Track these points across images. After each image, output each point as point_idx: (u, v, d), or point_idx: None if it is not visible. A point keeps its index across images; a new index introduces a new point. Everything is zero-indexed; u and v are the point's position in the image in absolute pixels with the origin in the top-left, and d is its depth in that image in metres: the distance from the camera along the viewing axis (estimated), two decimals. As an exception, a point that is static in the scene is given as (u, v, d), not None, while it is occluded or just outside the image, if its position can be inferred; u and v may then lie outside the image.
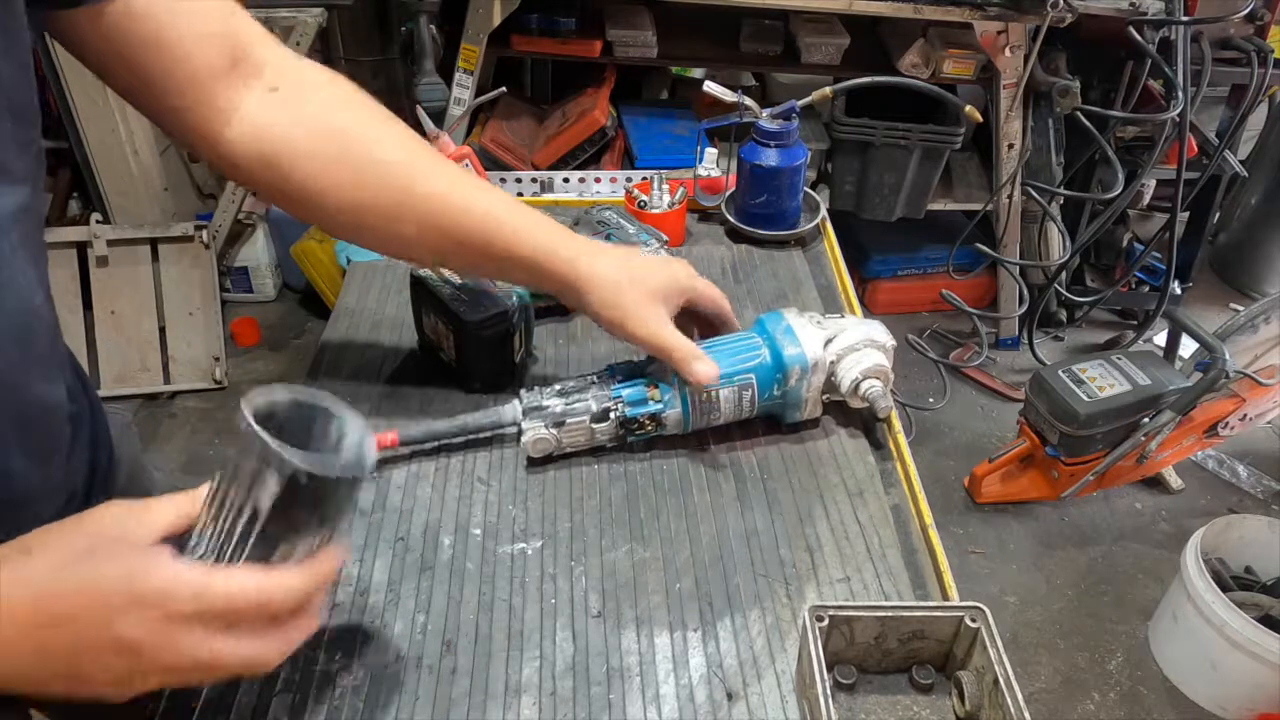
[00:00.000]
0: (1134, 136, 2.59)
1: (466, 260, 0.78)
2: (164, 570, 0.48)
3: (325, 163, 0.70)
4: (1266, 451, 2.55)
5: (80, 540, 0.49)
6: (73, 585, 0.47)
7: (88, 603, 0.47)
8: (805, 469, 0.87)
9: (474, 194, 0.75)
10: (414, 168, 0.72)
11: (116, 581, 0.47)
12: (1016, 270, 2.71)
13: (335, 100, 0.72)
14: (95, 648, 0.47)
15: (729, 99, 1.19)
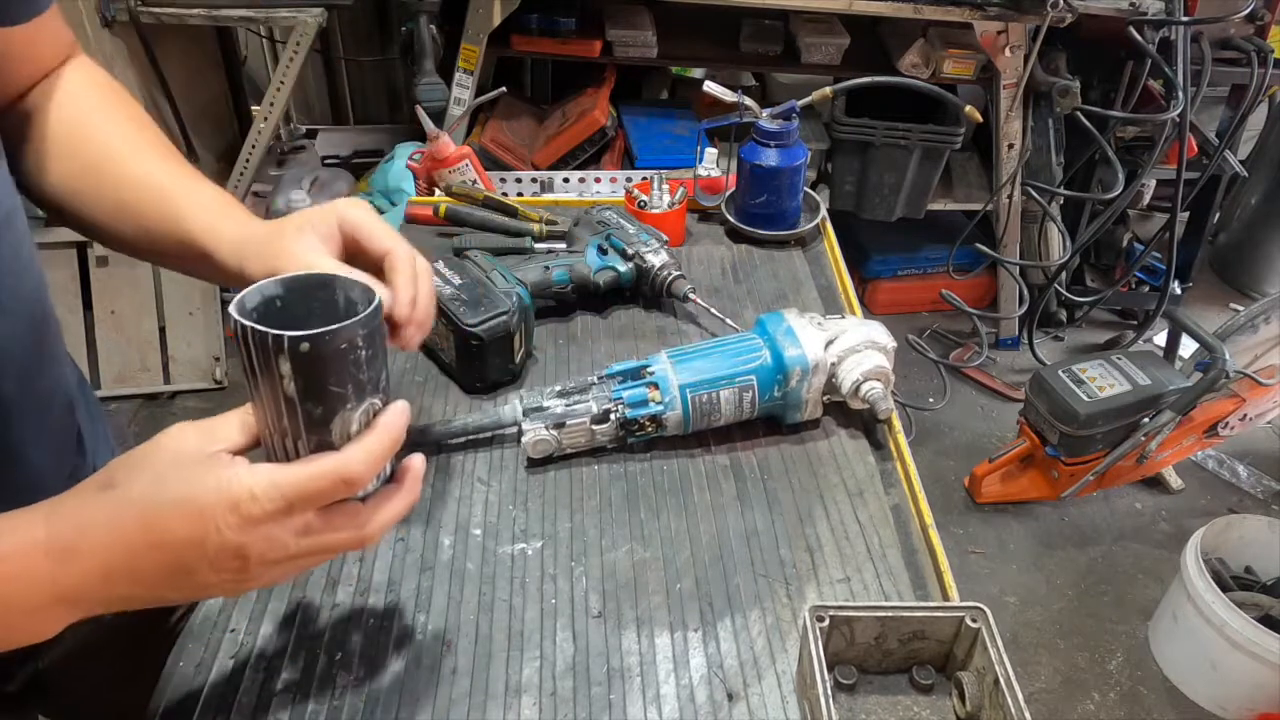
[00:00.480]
0: (1134, 136, 2.59)
1: (151, 249, 0.71)
2: (247, 473, 0.50)
3: (58, 148, 0.69)
4: (1266, 451, 2.55)
5: (162, 462, 0.50)
6: (171, 504, 0.49)
7: (190, 516, 0.49)
8: (805, 469, 0.87)
9: (159, 178, 0.70)
10: (119, 152, 0.70)
11: (211, 493, 0.49)
12: (1016, 270, 2.71)
13: (78, 91, 0.71)
14: (206, 558, 0.49)
15: (729, 99, 1.19)
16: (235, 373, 2.60)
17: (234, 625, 0.71)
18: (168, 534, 0.48)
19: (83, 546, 0.48)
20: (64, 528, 0.48)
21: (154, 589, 0.51)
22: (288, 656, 0.69)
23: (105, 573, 0.49)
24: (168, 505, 0.49)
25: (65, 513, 0.49)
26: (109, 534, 0.48)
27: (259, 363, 0.52)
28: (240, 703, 0.65)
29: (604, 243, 1.06)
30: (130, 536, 0.48)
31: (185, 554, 0.49)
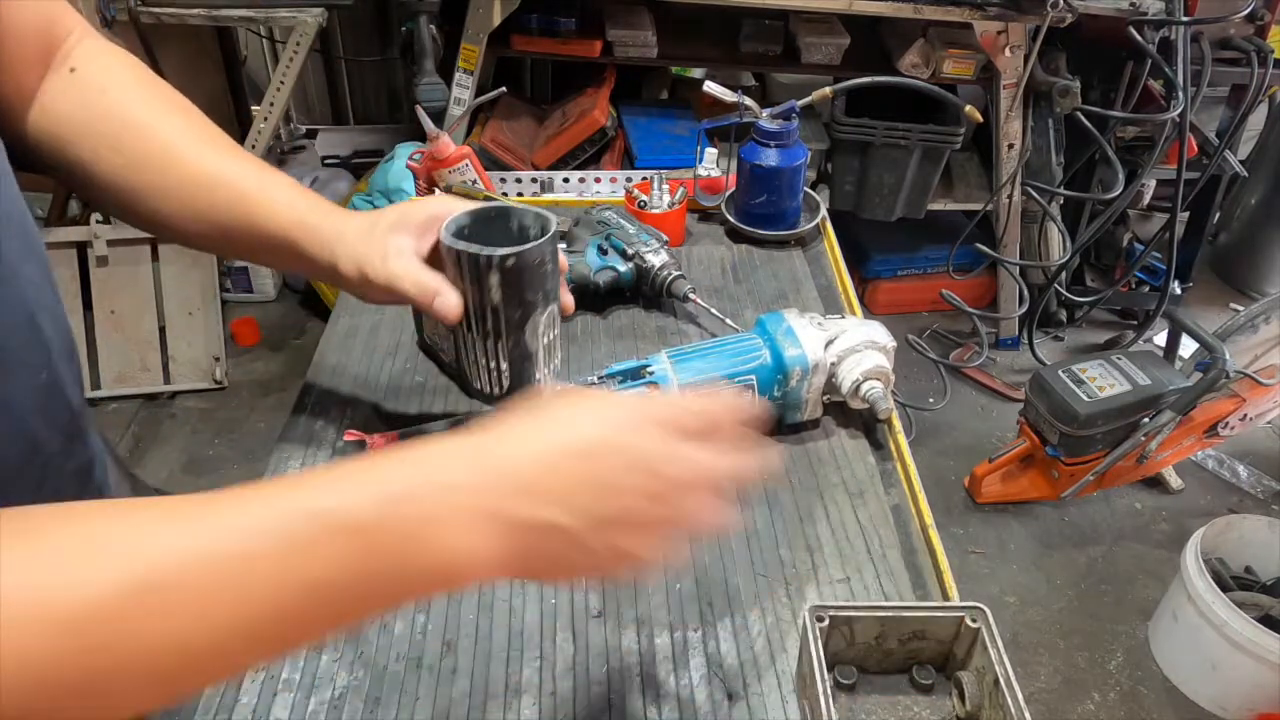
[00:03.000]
0: (1134, 136, 2.59)
1: (225, 243, 0.74)
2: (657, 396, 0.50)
3: (98, 140, 0.68)
4: (1266, 451, 2.55)
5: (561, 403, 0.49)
6: (588, 413, 0.48)
7: (610, 422, 0.48)
8: (805, 469, 0.87)
9: (231, 174, 0.71)
10: (181, 148, 0.70)
11: (631, 404, 0.49)
12: (1016, 270, 2.71)
13: (124, 82, 0.71)
14: (626, 465, 0.47)
15: (729, 99, 1.19)
16: (235, 373, 2.60)
17: (234, 625, 0.71)
18: (585, 439, 0.46)
19: (502, 462, 0.46)
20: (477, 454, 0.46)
21: (573, 511, 0.46)
22: (287, 656, 0.69)
23: (523, 486, 0.45)
24: (585, 415, 0.47)
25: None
26: (524, 448, 0.46)
27: (470, 278, 0.70)
28: (240, 702, 0.65)
29: (604, 243, 1.06)
30: (546, 446, 0.46)
31: (604, 461, 0.46)
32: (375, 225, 0.72)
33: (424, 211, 0.74)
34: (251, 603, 0.40)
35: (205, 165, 0.70)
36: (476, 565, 0.45)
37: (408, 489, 0.44)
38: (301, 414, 0.91)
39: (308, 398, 0.93)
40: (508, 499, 0.45)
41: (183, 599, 0.39)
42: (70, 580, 0.37)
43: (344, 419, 0.91)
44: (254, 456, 2.30)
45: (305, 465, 0.85)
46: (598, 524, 0.46)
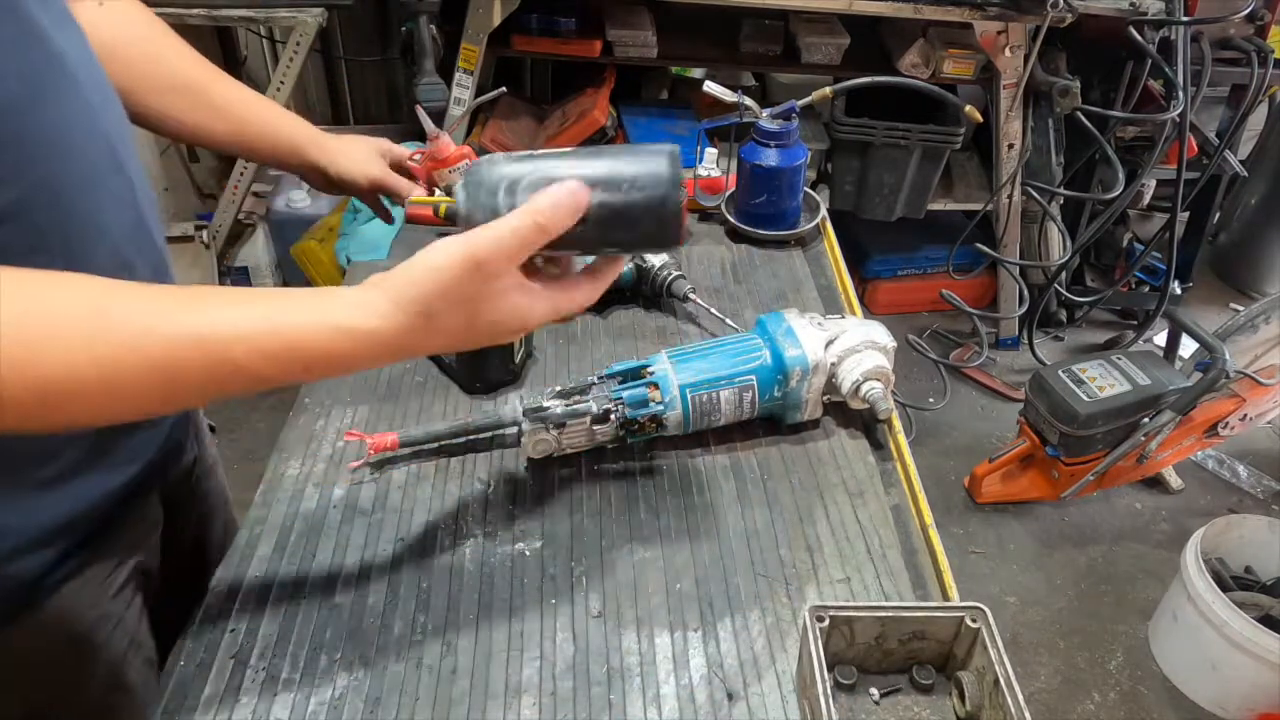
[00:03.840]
0: (1134, 136, 2.59)
1: (233, 140, 0.94)
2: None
3: (129, 63, 0.84)
4: (1266, 451, 2.55)
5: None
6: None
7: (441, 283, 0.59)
8: (805, 469, 0.87)
9: (244, 100, 0.94)
10: (203, 80, 0.91)
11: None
12: (1016, 270, 2.71)
13: (142, 18, 0.88)
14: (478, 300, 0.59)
15: (729, 99, 1.19)
16: (235, 373, 2.60)
17: (234, 625, 0.71)
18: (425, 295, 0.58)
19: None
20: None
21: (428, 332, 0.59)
22: (288, 656, 0.69)
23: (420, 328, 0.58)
24: (426, 273, 0.58)
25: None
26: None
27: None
28: (240, 702, 0.65)
29: (604, 243, 1.06)
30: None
31: (442, 319, 0.58)
32: (355, 143, 1.04)
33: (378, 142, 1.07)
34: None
35: (227, 93, 0.93)
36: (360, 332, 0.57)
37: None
38: (301, 414, 0.91)
39: (308, 398, 0.93)
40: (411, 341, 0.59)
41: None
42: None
43: (344, 419, 0.91)
44: (254, 456, 2.30)
45: (305, 465, 0.85)
46: (446, 339, 0.61)
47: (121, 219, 0.68)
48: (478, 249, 0.58)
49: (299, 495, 0.82)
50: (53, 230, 0.62)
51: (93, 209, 0.65)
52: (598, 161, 0.63)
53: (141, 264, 0.70)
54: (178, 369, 0.54)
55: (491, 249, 0.58)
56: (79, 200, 0.64)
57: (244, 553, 0.77)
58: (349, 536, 0.78)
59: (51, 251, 0.61)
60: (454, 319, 0.59)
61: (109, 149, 0.67)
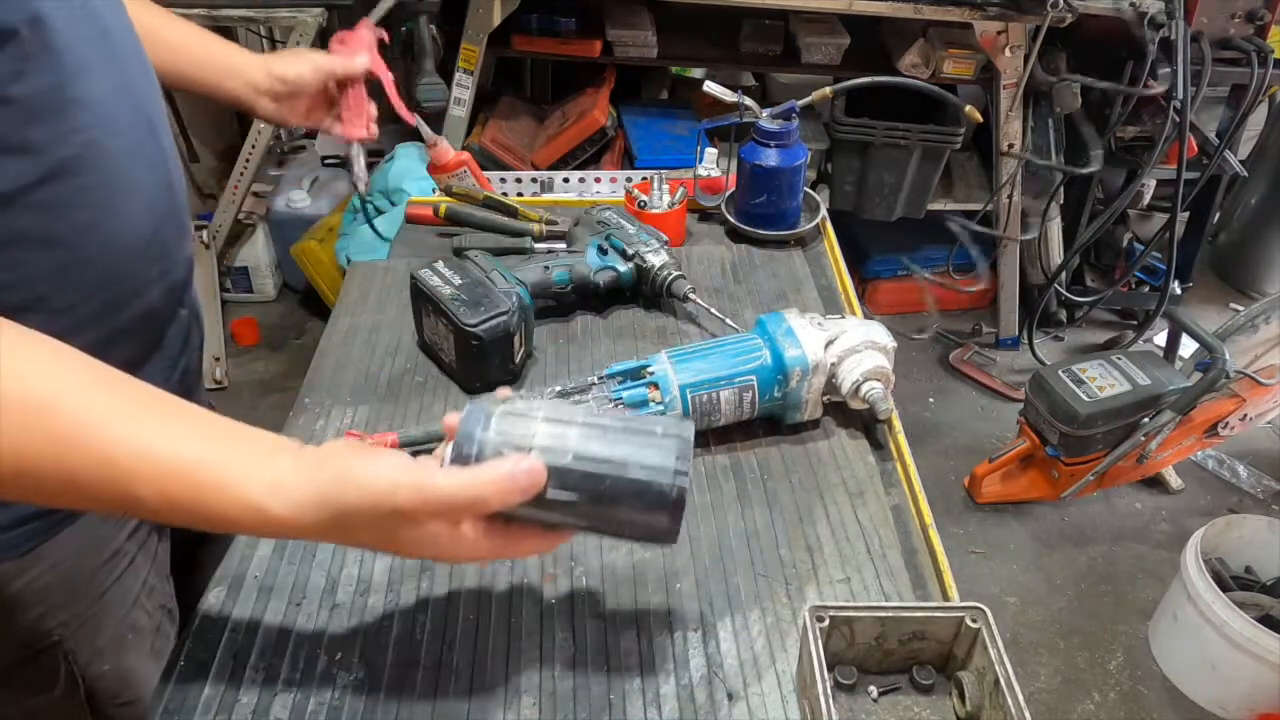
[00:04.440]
0: (1134, 136, 2.59)
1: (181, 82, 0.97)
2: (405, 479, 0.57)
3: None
4: (1266, 451, 2.55)
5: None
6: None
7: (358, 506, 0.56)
8: (805, 469, 0.87)
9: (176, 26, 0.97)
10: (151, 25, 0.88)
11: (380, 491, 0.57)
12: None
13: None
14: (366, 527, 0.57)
15: (729, 99, 1.19)
16: (235, 373, 2.60)
17: (234, 625, 0.71)
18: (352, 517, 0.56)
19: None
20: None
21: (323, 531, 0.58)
22: (288, 656, 0.69)
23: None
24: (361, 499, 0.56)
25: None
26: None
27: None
28: (240, 702, 0.65)
29: (604, 243, 1.06)
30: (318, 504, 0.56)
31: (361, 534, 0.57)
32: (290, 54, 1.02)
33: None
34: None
35: (171, 35, 0.95)
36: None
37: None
38: (301, 414, 0.91)
39: (308, 398, 0.93)
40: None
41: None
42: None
43: (344, 419, 0.91)
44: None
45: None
46: (361, 544, 0.60)
47: (154, 181, 0.73)
48: (400, 499, 0.55)
49: (299, 495, 0.82)
50: (99, 188, 0.67)
51: (131, 172, 0.70)
52: (602, 445, 0.58)
53: (170, 232, 0.75)
54: (81, 480, 0.54)
55: (416, 504, 0.55)
56: (121, 163, 0.68)
57: (244, 553, 0.77)
58: (349, 536, 0.78)
59: (93, 207, 0.66)
60: (369, 536, 0.57)
61: (147, 120, 0.72)
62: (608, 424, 0.59)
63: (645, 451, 0.57)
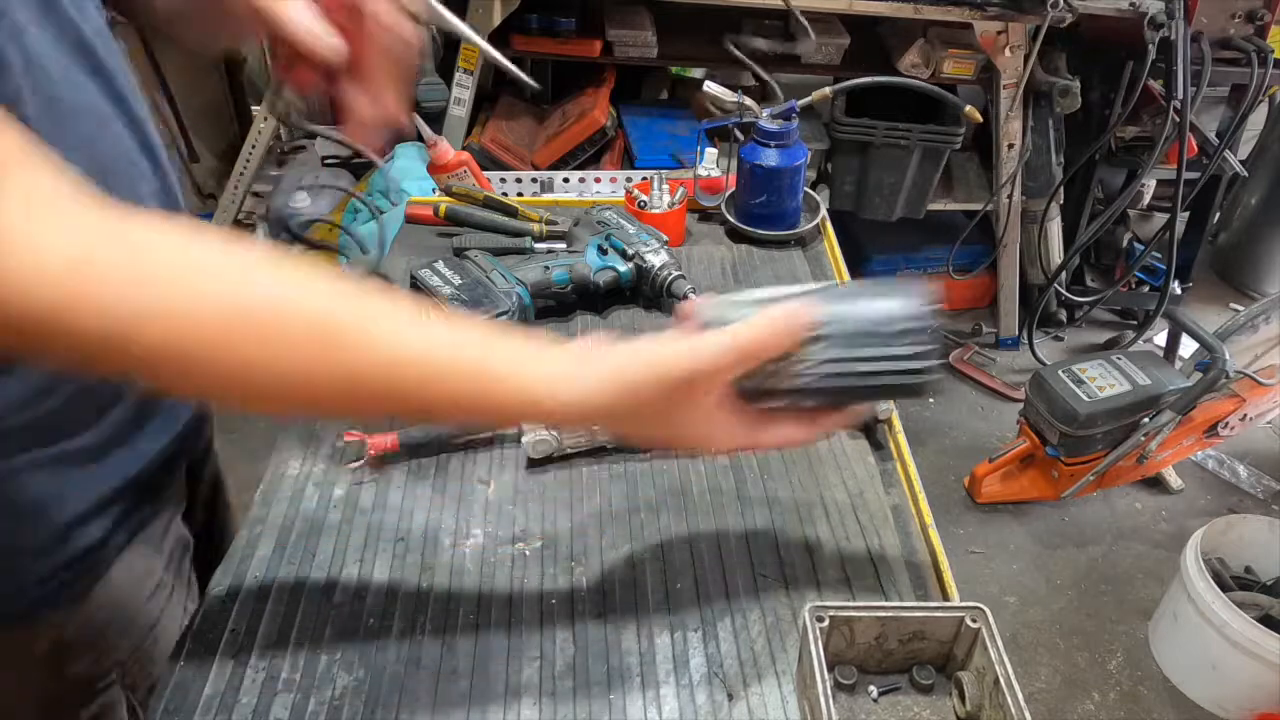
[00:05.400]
0: (1134, 136, 2.59)
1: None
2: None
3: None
4: (1266, 451, 2.55)
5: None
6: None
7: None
8: (805, 469, 0.87)
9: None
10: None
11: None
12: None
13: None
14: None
15: (729, 99, 1.19)
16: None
17: (234, 625, 0.71)
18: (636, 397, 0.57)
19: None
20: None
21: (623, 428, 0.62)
22: (288, 656, 0.69)
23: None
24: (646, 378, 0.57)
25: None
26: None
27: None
28: (240, 703, 0.65)
29: (604, 243, 1.06)
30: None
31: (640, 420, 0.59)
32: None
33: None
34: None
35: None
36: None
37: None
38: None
39: (308, 398, 0.93)
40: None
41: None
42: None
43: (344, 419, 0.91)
44: (254, 456, 2.30)
45: (305, 465, 0.85)
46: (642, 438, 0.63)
47: (152, 190, 0.71)
48: (683, 365, 0.56)
49: (299, 495, 0.82)
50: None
51: (128, 182, 0.68)
52: (849, 304, 0.60)
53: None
54: (367, 390, 0.53)
55: (692, 366, 0.57)
56: (120, 174, 0.67)
57: (244, 553, 0.77)
58: (349, 536, 0.78)
59: None
60: (649, 415, 0.58)
61: (140, 131, 0.70)
62: (841, 288, 0.61)
63: (888, 297, 0.59)
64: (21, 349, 0.47)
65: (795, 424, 0.63)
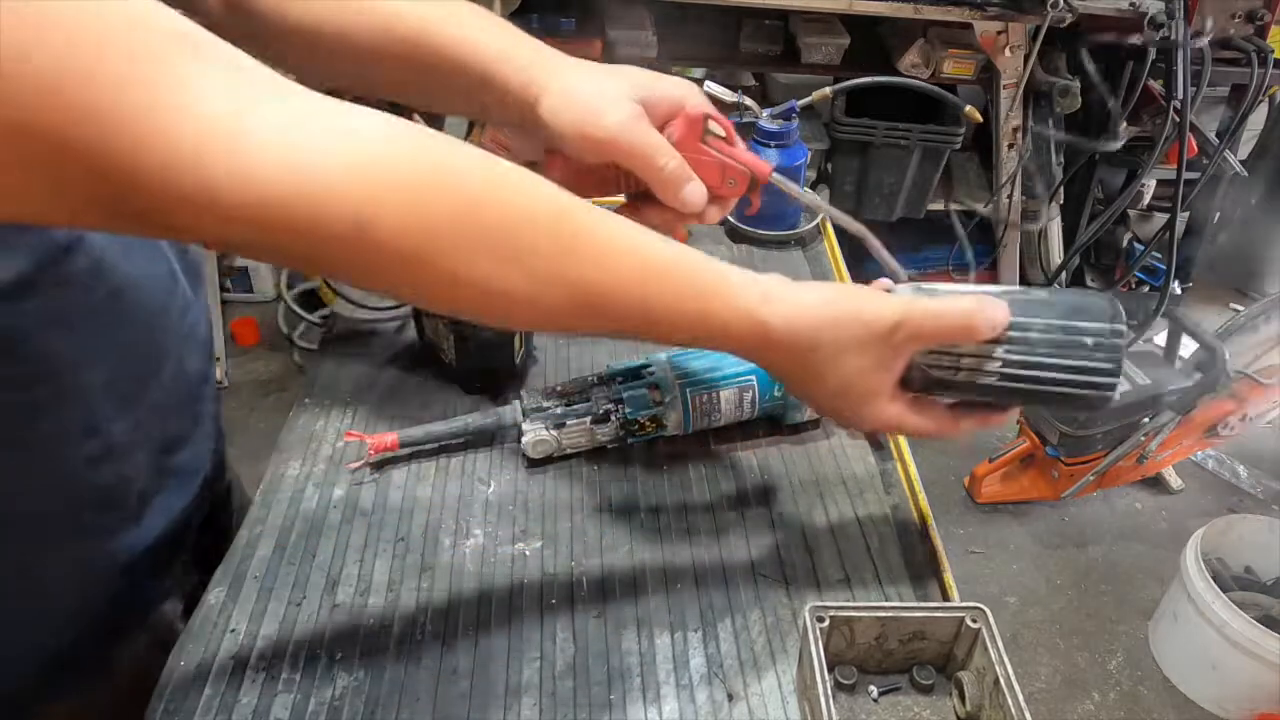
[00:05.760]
0: (1134, 136, 2.59)
1: (396, 75, 0.67)
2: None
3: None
4: (1266, 451, 2.55)
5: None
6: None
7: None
8: (805, 469, 0.87)
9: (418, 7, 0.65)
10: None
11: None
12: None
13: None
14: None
15: (729, 99, 1.19)
16: (235, 373, 2.60)
17: (234, 625, 0.71)
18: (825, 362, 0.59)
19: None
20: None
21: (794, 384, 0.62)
22: (288, 656, 0.69)
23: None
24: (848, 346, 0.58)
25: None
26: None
27: None
28: (240, 702, 0.65)
29: (604, 243, 1.06)
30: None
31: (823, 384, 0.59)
32: (607, 77, 0.65)
33: (671, 94, 0.67)
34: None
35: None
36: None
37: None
38: (301, 414, 0.91)
39: (308, 398, 0.93)
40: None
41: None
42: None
43: (344, 419, 0.91)
44: (255, 456, 2.30)
45: (305, 465, 0.85)
46: (816, 383, 0.60)
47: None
48: (894, 315, 0.56)
49: (299, 495, 0.82)
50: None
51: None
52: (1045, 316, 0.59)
53: (183, 273, 0.73)
54: (600, 300, 0.52)
55: (901, 319, 0.56)
56: None
57: (244, 553, 0.77)
58: (349, 536, 0.78)
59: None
60: (846, 364, 0.57)
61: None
62: (1032, 291, 0.60)
63: (1079, 308, 0.58)
64: (238, 242, 0.43)
65: (949, 415, 0.63)
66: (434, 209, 0.45)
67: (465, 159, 0.48)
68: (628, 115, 0.63)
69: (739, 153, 0.69)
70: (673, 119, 0.67)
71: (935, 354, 0.59)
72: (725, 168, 0.68)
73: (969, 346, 0.58)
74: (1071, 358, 0.58)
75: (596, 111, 0.63)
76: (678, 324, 0.55)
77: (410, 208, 0.44)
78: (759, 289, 0.57)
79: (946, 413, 0.62)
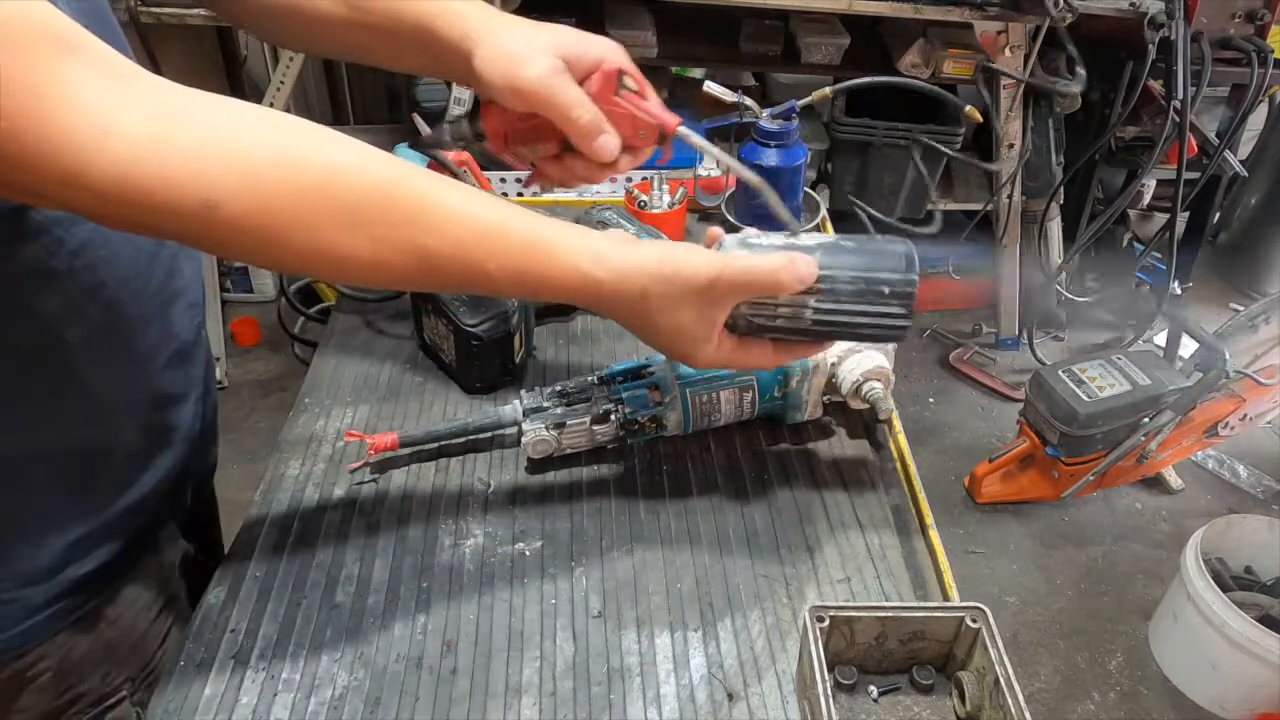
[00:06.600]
0: (1134, 136, 2.59)
1: (351, 38, 0.72)
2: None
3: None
4: (1266, 451, 2.55)
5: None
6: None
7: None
8: (805, 469, 0.87)
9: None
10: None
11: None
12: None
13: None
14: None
15: (729, 99, 1.19)
16: (235, 373, 2.60)
17: (234, 625, 0.71)
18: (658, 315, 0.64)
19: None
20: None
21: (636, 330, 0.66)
22: (288, 656, 0.69)
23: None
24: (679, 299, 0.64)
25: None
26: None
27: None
28: (240, 703, 0.65)
29: (604, 243, 1.06)
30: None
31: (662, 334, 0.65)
32: (534, 34, 0.70)
33: (591, 51, 0.72)
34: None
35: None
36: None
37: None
38: (301, 414, 0.91)
39: (308, 397, 0.93)
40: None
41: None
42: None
43: (344, 419, 0.91)
44: (254, 457, 2.30)
45: (305, 465, 0.85)
46: (654, 330, 0.65)
47: None
48: (712, 271, 0.62)
49: (299, 495, 0.82)
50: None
51: None
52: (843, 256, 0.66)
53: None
54: (434, 261, 0.57)
55: (718, 275, 0.62)
56: None
57: (244, 553, 0.77)
58: (349, 537, 0.78)
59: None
60: (669, 315, 0.63)
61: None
62: (841, 242, 0.68)
63: (880, 259, 0.66)
64: (111, 218, 0.50)
65: (773, 349, 0.69)
66: (275, 190, 0.51)
67: (312, 146, 0.53)
68: (549, 68, 0.67)
69: (648, 106, 0.72)
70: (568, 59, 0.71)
71: (755, 304, 0.66)
72: (636, 120, 0.71)
73: (785, 297, 0.65)
74: (872, 304, 0.66)
75: (521, 62, 0.67)
76: (516, 281, 0.60)
77: (251, 190, 0.50)
78: (591, 249, 0.61)
79: (769, 349, 0.69)
